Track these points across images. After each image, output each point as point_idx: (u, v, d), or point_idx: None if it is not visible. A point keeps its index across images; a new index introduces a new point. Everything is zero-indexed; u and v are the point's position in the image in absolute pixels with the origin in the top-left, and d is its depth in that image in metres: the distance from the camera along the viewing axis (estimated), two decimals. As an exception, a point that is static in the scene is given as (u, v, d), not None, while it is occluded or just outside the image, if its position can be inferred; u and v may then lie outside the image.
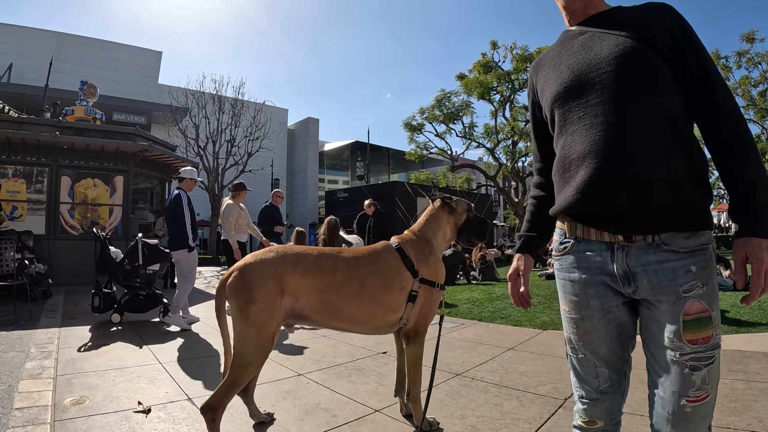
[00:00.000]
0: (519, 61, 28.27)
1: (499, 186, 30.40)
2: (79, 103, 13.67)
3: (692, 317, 1.44)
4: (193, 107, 28.10)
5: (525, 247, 1.99)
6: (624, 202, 1.50)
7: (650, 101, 1.50)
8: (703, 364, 1.43)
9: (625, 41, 1.56)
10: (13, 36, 34.08)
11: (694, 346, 1.43)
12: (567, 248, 1.72)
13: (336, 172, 54.68)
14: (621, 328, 1.65)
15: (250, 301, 2.70)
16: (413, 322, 3.12)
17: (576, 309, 1.70)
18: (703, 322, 1.44)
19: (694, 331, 1.44)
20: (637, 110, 1.50)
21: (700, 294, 1.46)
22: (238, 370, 2.73)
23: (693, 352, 1.43)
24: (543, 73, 1.85)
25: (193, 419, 3.33)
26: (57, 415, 3.34)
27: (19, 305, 7.62)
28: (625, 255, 1.55)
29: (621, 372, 1.69)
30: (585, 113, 1.60)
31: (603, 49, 1.60)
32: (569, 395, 3.78)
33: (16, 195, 11.59)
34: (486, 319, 7.29)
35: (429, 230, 3.35)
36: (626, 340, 1.67)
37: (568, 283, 1.73)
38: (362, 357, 5.12)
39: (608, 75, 1.56)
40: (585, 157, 1.57)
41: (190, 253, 7.04)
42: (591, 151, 1.55)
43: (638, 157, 1.47)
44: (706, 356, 1.44)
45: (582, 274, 1.66)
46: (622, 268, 1.56)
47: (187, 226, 6.98)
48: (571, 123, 1.65)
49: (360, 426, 3.28)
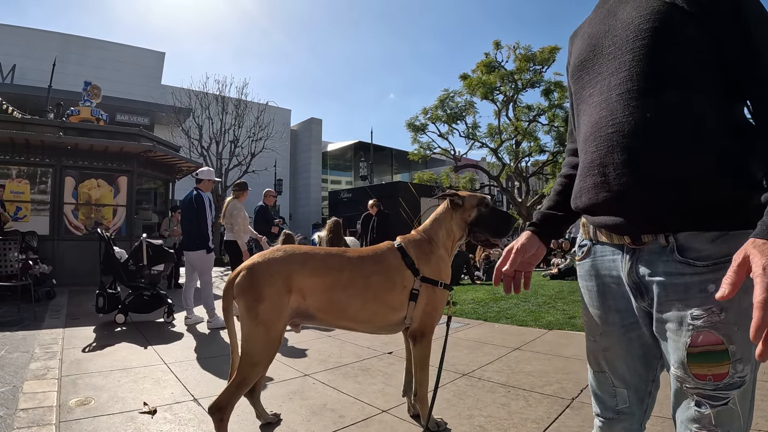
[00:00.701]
0: (522, 61, 28.22)
1: (502, 186, 30.30)
2: (82, 103, 13.66)
3: (699, 350, 1.16)
4: (197, 108, 28.12)
5: (536, 225, 1.70)
6: (626, 195, 1.27)
7: (668, 75, 1.23)
8: (710, 403, 1.16)
9: (648, 1, 1.28)
10: (16, 37, 34.13)
11: (701, 382, 1.16)
12: (584, 252, 1.52)
13: (339, 172, 54.70)
14: (646, 348, 1.40)
15: (258, 299, 2.70)
16: (418, 322, 3.10)
17: (594, 322, 1.50)
18: (714, 356, 1.14)
19: (702, 365, 1.16)
20: (650, 83, 1.24)
21: (714, 323, 1.14)
22: (247, 369, 2.73)
23: (699, 387, 1.17)
24: (575, 45, 1.60)
25: (199, 420, 3.32)
26: (62, 416, 3.33)
27: (23, 306, 7.61)
28: (634, 261, 1.32)
29: (643, 392, 1.46)
30: (594, 90, 1.40)
31: (623, 13, 1.35)
32: (576, 395, 3.77)
33: (20, 195, 11.58)
34: (491, 319, 7.27)
35: (432, 229, 3.31)
36: (652, 361, 1.42)
37: (586, 292, 1.54)
38: (368, 357, 5.10)
39: (622, 44, 1.31)
40: (587, 140, 1.40)
41: (208, 254, 7.07)
42: (591, 135, 1.37)
43: (641, 139, 1.23)
44: (715, 395, 1.15)
45: (599, 282, 1.47)
46: (631, 278, 1.33)
47: (209, 227, 7.03)
48: (582, 101, 1.47)
49: (367, 426, 3.27)
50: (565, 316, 7.15)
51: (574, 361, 4.83)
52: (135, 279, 7.21)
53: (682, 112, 1.21)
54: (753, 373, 1.18)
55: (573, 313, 7.26)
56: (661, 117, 1.22)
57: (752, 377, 1.18)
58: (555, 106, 28.27)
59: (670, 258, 1.22)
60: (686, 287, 1.19)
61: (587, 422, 3.22)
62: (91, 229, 11.80)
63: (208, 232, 7.03)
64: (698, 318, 1.16)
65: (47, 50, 31.91)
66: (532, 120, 29.06)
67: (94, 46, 37.42)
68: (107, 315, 7.12)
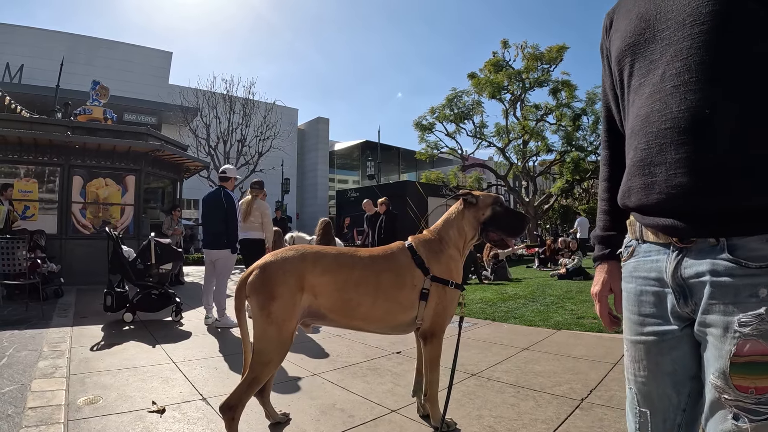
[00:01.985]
0: (530, 60, 28.19)
1: (509, 185, 30.29)
2: (91, 103, 13.74)
3: (744, 360, 1.06)
4: (204, 107, 28.20)
5: (611, 250, 1.53)
6: (680, 199, 1.15)
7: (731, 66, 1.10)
8: (749, 417, 1.05)
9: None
10: (24, 37, 34.38)
11: (742, 394, 1.06)
12: (630, 252, 1.39)
13: (346, 171, 54.83)
14: (677, 364, 1.26)
15: (271, 298, 2.71)
16: (429, 322, 3.08)
17: (629, 329, 1.38)
18: (760, 367, 1.04)
19: (745, 376, 1.05)
20: (710, 75, 1.11)
21: (763, 331, 1.03)
22: (258, 367, 2.73)
23: (739, 399, 1.06)
24: (617, 25, 1.44)
25: (208, 419, 3.31)
26: (70, 415, 3.32)
27: (31, 304, 7.64)
28: (680, 260, 1.20)
29: (671, 422, 1.30)
30: (645, 80, 1.26)
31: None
32: (586, 396, 3.75)
33: (28, 194, 11.66)
34: (499, 319, 7.24)
35: (443, 229, 3.29)
36: (685, 382, 1.27)
37: (625, 294, 1.40)
38: (377, 357, 5.08)
39: (678, 28, 1.18)
40: (634, 135, 1.28)
41: (233, 254, 7.03)
42: (641, 130, 1.25)
43: (699, 137, 1.11)
44: (755, 410, 1.05)
45: (638, 285, 1.34)
46: (675, 280, 1.21)
47: (238, 227, 7.01)
48: (631, 91, 1.33)
49: (377, 426, 3.24)
50: (573, 316, 7.11)
51: (583, 361, 4.80)
52: (143, 278, 7.21)
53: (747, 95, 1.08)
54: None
55: (581, 314, 7.22)
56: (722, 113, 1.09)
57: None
58: (563, 105, 28.22)
59: (720, 257, 1.11)
60: (736, 290, 1.08)
61: (596, 423, 3.20)
62: (99, 228, 11.85)
63: (237, 232, 6.99)
64: (746, 325, 1.06)
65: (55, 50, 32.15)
66: (539, 119, 29.03)
67: (102, 46, 37.64)
68: (115, 314, 7.12)
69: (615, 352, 5.03)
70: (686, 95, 1.13)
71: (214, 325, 6.75)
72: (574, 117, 27.86)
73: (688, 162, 1.12)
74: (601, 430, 3.08)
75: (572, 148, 27.90)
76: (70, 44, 35.15)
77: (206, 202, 7.13)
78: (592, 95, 27.95)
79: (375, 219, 11.15)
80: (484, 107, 29.40)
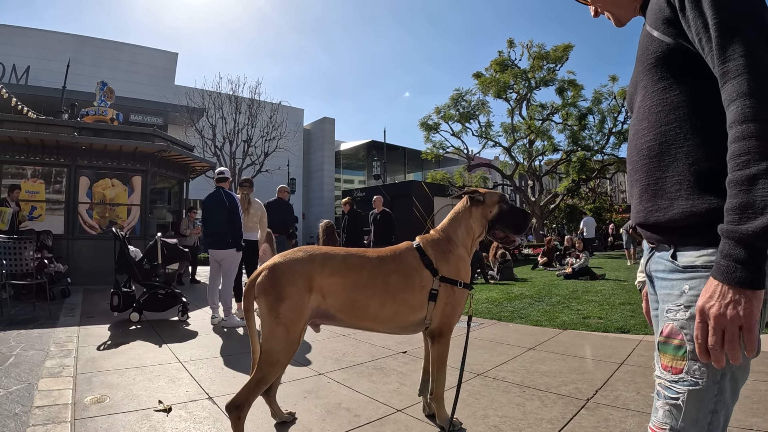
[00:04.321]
0: (536, 59, 28.11)
1: (515, 185, 30.21)
2: (99, 103, 13.80)
3: (664, 339, 1.26)
4: (210, 108, 28.30)
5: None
6: (637, 205, 1.40)
7: (654, 87, 1.36)
8: (665, 394, 1.24)
9: (645, 30, 1.41)
10: (30, 39, 34.45)
11: (663, 371, 1.26)
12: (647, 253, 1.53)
13: (352, 171, 54.76)
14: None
15: (279, 299, 2.71)
16: (437, 322, 3.07)
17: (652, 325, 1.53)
18: (674, 349, 1.23)
19: (665, 354, 1.25)
20: (643, 98, 1.41)
21: (678, 319, 1.23)
22: (266, 367, 2.73)
23: (661, 376, 1.27)
24: None
25: (214, 418, 3.31)
26: (77, 414, 3.33)
27: (39, 304, 7.67)
28: (650, 257, 1.44)
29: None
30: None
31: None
32: (591, 395, 3.74)
33: (35, 195, 11.72)
34: (505, 318, 7.23)
35: (451, 228, 3.28)
36: None
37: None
38: (382, 356, 5.08)
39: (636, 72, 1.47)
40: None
41: (238, 253, 7.08)
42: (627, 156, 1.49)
43: (639, 153, 1.39)
44: (670, 389, 1.23)
45: (649, 284, 1.52)
46: (647, 271, 1.47)
47: (242, 226, 7.08)
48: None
49: (383, 426, 3.24)
50: (579, 316, 7.10)
51: (589, 361, 4.79)
52: (150, 278, 7.24)
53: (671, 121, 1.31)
54: (717, 384, 1.19)
55: (587, 313, 7.21)
56: (654, 129, 1.35)
57: (716, 389, 1.19)
58: (569, 104, 28.11)
59: (668, 258, 1.32)
60: (671, 285, 1.29)
61: (602, 423, 3.19)
62: (106, 228, 11.91)
63: (241, 230, 7.06)
64: (670, 311, 1.26)
65: (61, 52, 32.19)
66: (545, 119, 28.94)
67: (108, 48, 37.67)
68: (122, 313, 7.15)
69: (621, 352, 5.02)
70: (634, 116, 1.47)
71: (221, 325, 6.76)
72: (580, 116, 27.78)
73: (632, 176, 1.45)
74: (606, 430, 3.07)
75: (578, 148, 27.82)
76: (76, 45, 35.21)
77: (207, 203, 7.16)
78: (598, 94, 27.90)
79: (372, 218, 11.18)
80: (490, 107, 29.35)
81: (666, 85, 1.33)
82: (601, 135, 28.32)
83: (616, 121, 28.02)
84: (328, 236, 7.49)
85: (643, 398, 3.62)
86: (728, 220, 1.08)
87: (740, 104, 1.08)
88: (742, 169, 1.06)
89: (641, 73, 1.42)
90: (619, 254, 22.16)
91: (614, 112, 28.07)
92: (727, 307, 1.05)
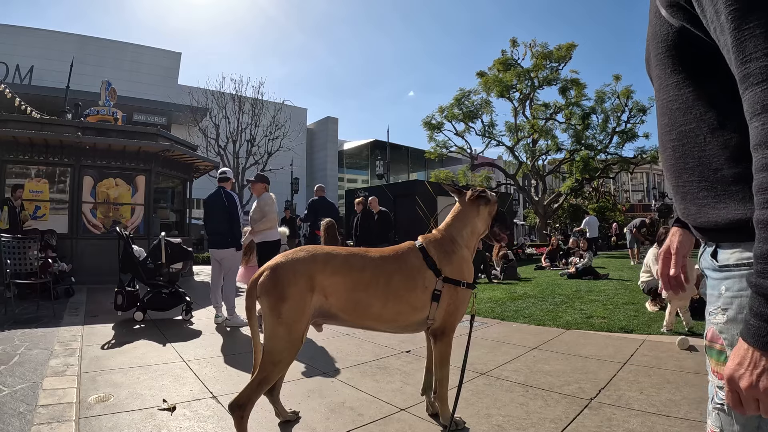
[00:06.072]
0: (539, 58, 28.06)
1: (519, 184, 30.22)
2: (104, 103, 13.84)
3: (708, 343, 1.18)
4: (213, 107, 28.32)
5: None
6: (674, 201, 1.31)
7: (683, 84, 1.19)
8: (714, 398, 1.16)
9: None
10: (34, 39, 34.61)
11: (712, 375, 1.17)
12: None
13: (355, 171, 54.85)
14: None
15: (281, 299, 2.72)
16: (440, 321, 3.08)
17: None
18: (718, 354, 1.14)
19: (712, 359, 1.17)
20: (659, 89, 1.28)
21: (718, 323, 1.13)
22: (268, 367, 2.74)
23: (710, 380, 1.18)
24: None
25: (218, 417, 3.32)
26: (82, 413, 3.34)
27: (43, 303, 7.70)
28: (702, 254, 1.29)
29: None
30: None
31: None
32: (595, 395, 3.74)
33: (38, 195, 11.74)
34: (509, 318, 7.22)
35: (454, 227, 3.29)
36: None
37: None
38: (386, 356, 5.08)
39: (651, 55, 1.31)
40: (659, 140, 1.38)
41: (238, 252, 7.12)
42: (659, 138, 1.35)
43: (665, 151, 1.29)
44: (718, 394, 1.14)
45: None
46: (700, 267, 1.33)
47: (242, 225, 7.13)
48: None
49: (386, 425, 3.25)
50: (582, 315, 7.09)
51: (592, 361, 4.78)
52: (153, 277, 7.26)
53: (702, 120, 1.16)
54: None
55: (591, 313, 7.20)
56: (686, 127, 1.21)
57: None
58: (572, 103, 28.04)
59: (710, 256, 1.21)
60: (713, 285, 1.19)
61: (605, 423, 3.19)
62: (110, 227, 11.92)
63: (240, 230, 7.11)
64: (711, 314, 1.18)
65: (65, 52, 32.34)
66: (549, 118, 28.89)
67: (112, 47, 37.84)
68: (126, 312, 7.17)
69: (624, 352, 5.02)
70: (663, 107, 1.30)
71: (224, 324, 6.77)
72: (584, 115, 27.72)
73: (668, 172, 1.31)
74: (609, 430, 3.07)
75: (582, 147, 27.78)
76: (79, 45, 35.35)
77: (208, 203, 7.18)
78: (602, 94, 27.83)
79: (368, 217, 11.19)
80: (493, 106, 29.34)
81: (679, 80, 1.20)
82: (605, 134, 28.25)
83: (619, 121, 27.96)
84: (329, 235, 7.48)
85: (647, 398, 3.62)
86: (757, 270, 0.91)
87: (764, 121, 0.90)
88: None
89: (654, 59, 1.29)
90: (622, 254, 22.10)
91: (618, 112, 28.01)
92: (759, 378, 0.89)
